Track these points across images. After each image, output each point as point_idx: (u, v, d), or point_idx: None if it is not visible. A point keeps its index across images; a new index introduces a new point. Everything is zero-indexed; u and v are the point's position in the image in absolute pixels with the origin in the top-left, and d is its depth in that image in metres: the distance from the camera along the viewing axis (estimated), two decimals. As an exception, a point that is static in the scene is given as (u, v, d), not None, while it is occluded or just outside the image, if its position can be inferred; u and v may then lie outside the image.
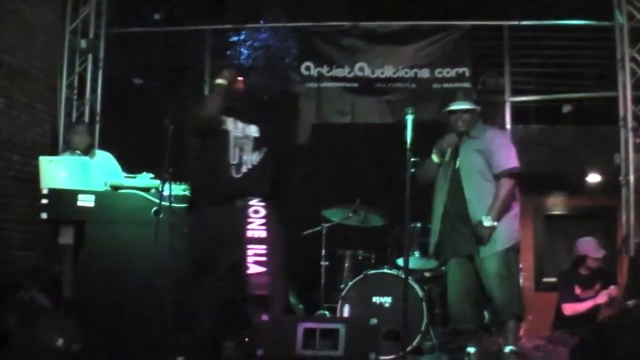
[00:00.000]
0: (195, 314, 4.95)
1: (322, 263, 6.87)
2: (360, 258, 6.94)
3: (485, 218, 5.33)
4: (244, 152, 5.14)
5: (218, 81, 5.16)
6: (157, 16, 8.62)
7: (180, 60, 9.09)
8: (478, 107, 5.68)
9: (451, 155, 5.60)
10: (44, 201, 5.57)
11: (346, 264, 6.84)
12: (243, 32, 8.89)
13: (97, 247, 5.50)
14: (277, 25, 8.62)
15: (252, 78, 5.48)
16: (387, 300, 6.35)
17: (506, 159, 5.50)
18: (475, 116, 5.65)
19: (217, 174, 5.07)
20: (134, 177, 5.78)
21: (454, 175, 5.58)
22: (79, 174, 5.81)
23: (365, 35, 8.34)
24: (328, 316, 6.49)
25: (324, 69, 8.35)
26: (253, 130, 5.24)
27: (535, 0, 8.25)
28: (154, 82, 8.45)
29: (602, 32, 7.98)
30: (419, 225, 6.69)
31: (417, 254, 6.76)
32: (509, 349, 5.37)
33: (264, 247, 6.30)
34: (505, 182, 5.43)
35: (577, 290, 6.80)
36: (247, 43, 8.93)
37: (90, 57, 8.30)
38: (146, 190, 5.56)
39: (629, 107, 7.53)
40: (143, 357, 4.83)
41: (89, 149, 6.87)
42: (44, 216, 5.59)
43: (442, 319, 6.60)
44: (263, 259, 6.28)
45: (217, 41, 8.96)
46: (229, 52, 8.94)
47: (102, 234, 5.51)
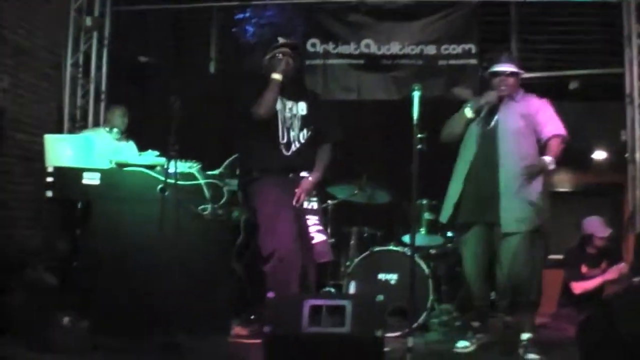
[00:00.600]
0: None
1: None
2: (366, 235, 6.95)
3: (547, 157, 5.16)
4: (293, 130, 5.20)
5: (274, 76, 5.09)
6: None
7: (186, 37, 9.06)
8: (522, 72, 5.49)
9: (487, 113, 5.36)
10: (49, 179, 5.58)
11: (352, 241, 6.85)
12: (249, 10, 8.84)
13: (103, 224, 5.52)
14: (284, 2, 8.57)
15: (259, 55, 5.40)
16: (393, 277, 6.37)
17: (557, 126, 5.29)
18: (518, 80, 5.43)
19: (268, 153, 5.12)
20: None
21: (488, 135, 5.30)
22: (84, 152, 5.82)
23: (372, 12, 8.29)
24: (334, 293, 6.51)
25: (330, 46, 8.32)
26: (301, 108, 5.28)
27: (542, -24, 8.18)
28: (160, 59, 8.42)
29: (609, 8, 7.92)
30: (425, 202, 6.71)
31: (423, 230, 6.78)
32: (526, 336, 5.11)
33: (317, 217, 6.46)
34: (558, 145, 5.24)
35: (583, 269, 6.79)
36: (253, 20, 8.87)
37: (95, 35, 8.30)
38: (152, 167, 5.56)
39: (635, 84, 7.53)
40: (149, 335, 4.84)
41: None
42: (49, 194, 5.60)
43: (448, 296, 6.62)
44: (320, 227, 6.44)
45: (223, 18, 8.92)
46: (234, 29, 8.89)
47: (108, 212, 5.52)
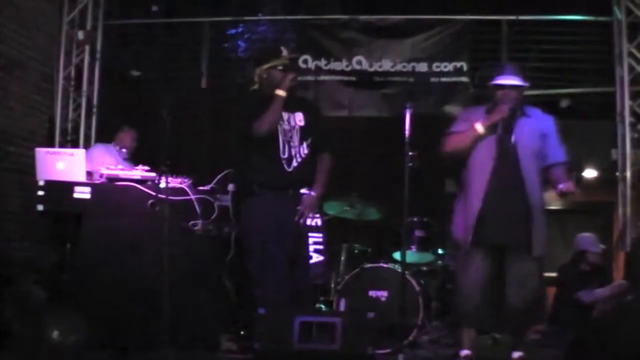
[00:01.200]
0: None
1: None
2: (356, 252, 6.93)
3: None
4: (293, 143, 5.02)
5: (279, 93, 4.95)
6: (155, 8, 8.59)
7: (178, 52, 9.08)
8: (527, 84, 5.08)
9: (503, 129, 4.94)
10: (40, 193, 5.56)
11: (342, 258, 6.83)
12: (241, 25, 8.87)
13: (93, 238, 5.49)
14: (275, 18, 8.60)
15: (250, 71, 5.38)
16: (383, 294, 6.35)
17: (564, 152, 5.02)
18: (522, 94, 5.06)
19: (269, 168, 4.97)
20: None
21: (507, 151, 4.91)
22: (75, 166, 5.79)
23: (364, 29, 8.33)
24: (324, 310, 6.50)
25: (322, 62, 8.33)
26: (298, 119, 5.13)
27: (533, -6, 8.26)
28: (152, 74, 8.43)
29: (600, 27, 7.98)
30: (415, 219, 6.72)
31: (414, 248, 6.78)
32: (517, 355, 4.90)
33: (321, 235, 6.33)
34: (567, 173, 4.92)
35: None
36: (245, 36, 8.92)
37: (87, 48, 8.29)
38: (142, 182, 5.54)
39: (627, 103, 7.53)
40: (140, 350, 4.82)
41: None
42: (40, 208, 5.58)
43: (439, 313, 6.61)
44: (321, 247, 6.29)
45: (215, 33, 8.95)
46: (226, 45, 8.92)
47: (98, 226, 5.49)
